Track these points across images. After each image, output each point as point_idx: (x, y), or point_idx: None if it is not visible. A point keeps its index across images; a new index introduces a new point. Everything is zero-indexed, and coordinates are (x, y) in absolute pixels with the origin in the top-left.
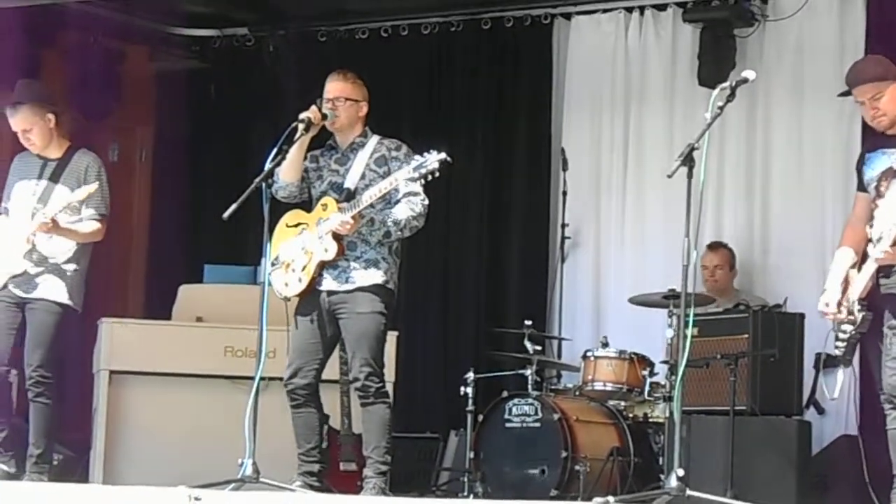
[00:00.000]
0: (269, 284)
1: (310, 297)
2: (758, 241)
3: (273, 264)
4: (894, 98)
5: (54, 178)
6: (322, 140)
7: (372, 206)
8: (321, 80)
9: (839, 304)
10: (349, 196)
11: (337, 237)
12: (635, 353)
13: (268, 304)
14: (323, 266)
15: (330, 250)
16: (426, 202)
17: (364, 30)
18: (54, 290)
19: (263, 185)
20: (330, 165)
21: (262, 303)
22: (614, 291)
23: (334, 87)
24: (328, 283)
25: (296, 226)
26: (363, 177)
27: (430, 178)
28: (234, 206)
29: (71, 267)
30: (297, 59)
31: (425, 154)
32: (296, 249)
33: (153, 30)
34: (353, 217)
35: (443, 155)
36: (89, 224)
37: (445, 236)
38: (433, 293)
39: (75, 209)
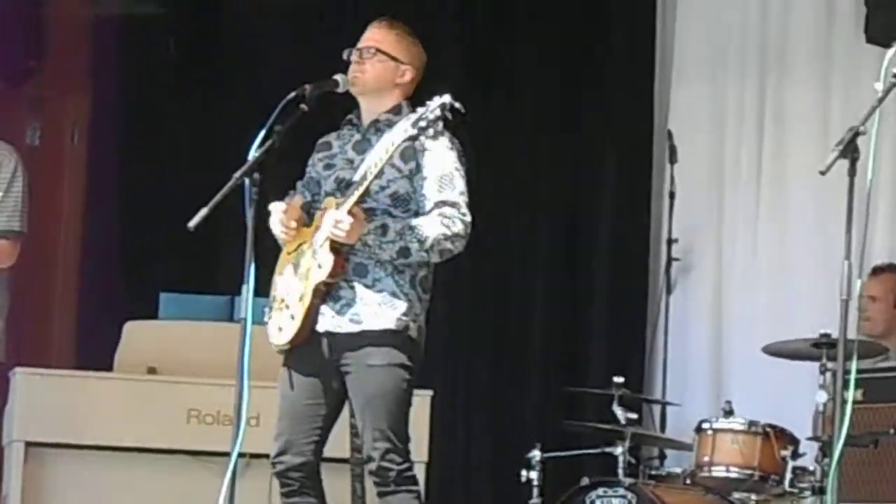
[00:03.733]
0: (260, 323)
1: (306, 342)
2: None
3: (270, 307)
4: None
5: None
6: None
7: (388, 211)
8: (327, 26)
9: None
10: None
11: (335, 248)
12: (771, 426)
13: (250, 350)
14: (322, 294)
15: (324, 265)
16: (468, 218)
17: None
18: None
19: (247, 180)
20: (345, 153)
21: (243, 347)
22: (742, 336)
23: (371, 32)
24: (327, 320)
25: (296, 249)
26: (380, 174)
27: (438, 132)
28: (203, 211)
29: None
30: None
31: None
32: (291, 280)
33: None
34: (350, 212)
35: (445, 98)
36: None
37: (501, 257)
38: (483, 336)
39: None
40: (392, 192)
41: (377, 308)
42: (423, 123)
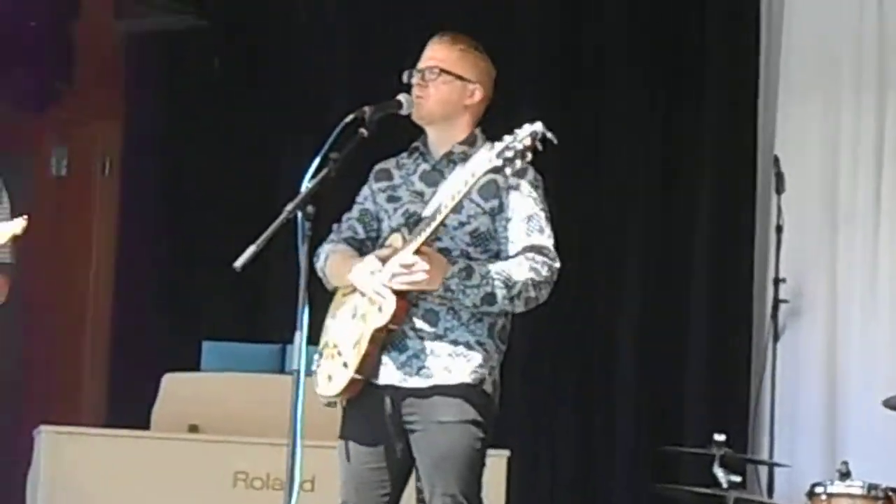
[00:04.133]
0: (308, 373)
1: (365, 396)
2: None
3: (320, 353)
4: None
5: None
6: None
7: (466, 252)
8: (390, 43)
9: None
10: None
11: (399, 290)
12: (893, 490)
13: (304, 404)
14: (382, 342)
15: (386, 309)
16: (557, 265)
17: None
18: None
19: (300, 214)
20: (412, 184)
21: (296, 402)
22: (859, 388)
23: (432, 51)
24: (390, 373)
25: (352, 292)
26: (457, 209)
27: (523, 168)
28: (251, 250)
29: None
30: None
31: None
32: (346, 323)
33: None
34: (419, 251)
35: (537, 126)
36: None
37: (586, 301)
38: (564, 390)
39: None
40: (472, 229)
41: (449, 360)
42: (509, 154)
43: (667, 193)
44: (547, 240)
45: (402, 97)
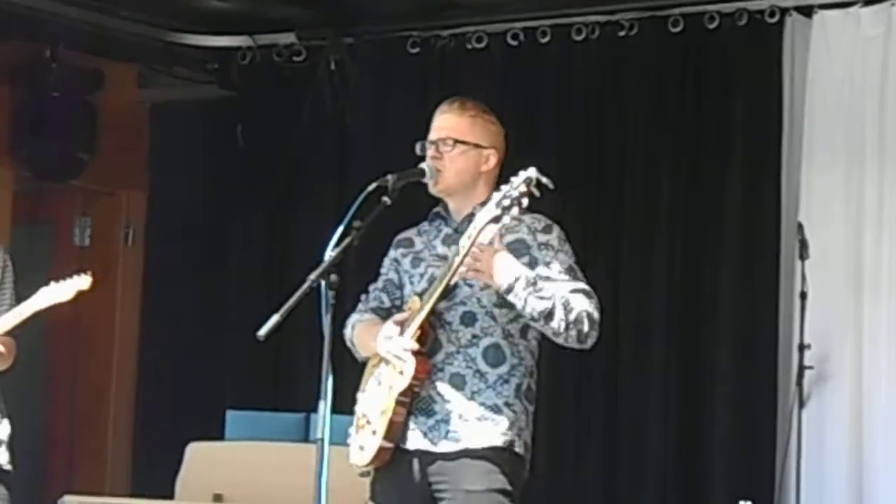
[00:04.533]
0: (332, 442)
1: (395, 462)
2: None
3: (354, 426)
4: None
5: None
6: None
7: (491, 313)
8: (411, 114)
9: None
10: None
11: (420, 351)
12: None
13: (328, 474)
14: (407, 406)
15: (406, 371)
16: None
17: (480, 35)
18: None
19: (323, 283)
20: (434, 248)
21: (320, 472)
22: (887, 455)
23: (443, 121)
24: (418, 438)
25: (380, 361)
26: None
27: (548, 225)
28: (275, 319)
29: None
30: (375, 82)
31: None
32: (374, 393)
33: (146, 38)
34: (420, 327)
35: (531, 172)
36: None
37: (609, 364)
38: (591, 455)
39: None
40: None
41: (477, 424)
42: (506, 202)
43: (692, 260)
44: (590, 288)
45: (424, 165)
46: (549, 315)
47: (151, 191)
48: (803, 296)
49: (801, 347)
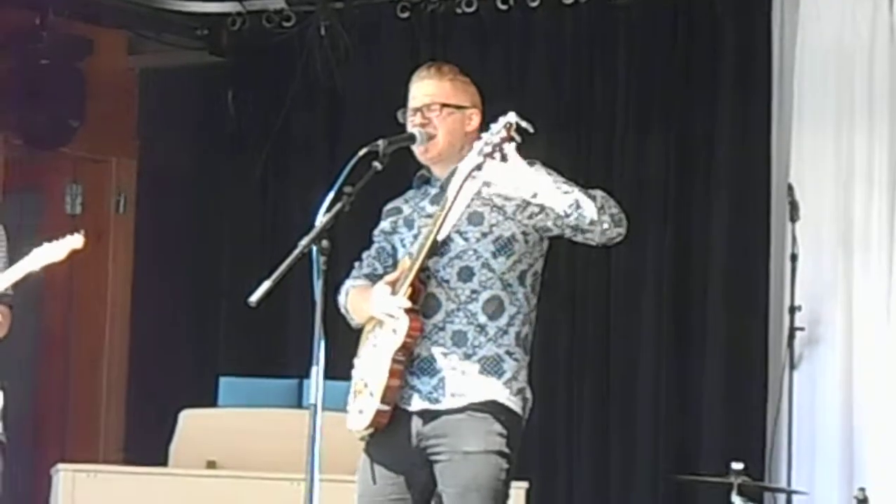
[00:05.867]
0: (325, 407)
1: (390, 426)
2: None
3: (352, 393)
4: None
5: None
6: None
7: (488, 264)
8: (401, 80)
9: None
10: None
11: (413, 309)
12: None
13: (322, 440)
14: (403, 365)
15: (399, 329)
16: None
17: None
18: None
19: (314, 249)
20: (424, 209)
21: (313, 437)
22: (877, 415)
23: (424, 88)
24: (420, 399)
25: (373, 328)
26: (473, 220)
27: (505, 157)
28: (267, 285)
29: None
30: (365, 47)
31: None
32: (370, 357)
33: (135, 4)
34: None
35: (510, 116)
36: None
37: (600, 328)
38: (584, 419)
39: None
40: (495, 237)
41: (479, 378)
42: (488, 149)
43: (682, 223)
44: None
45: (415, 130)
46: (577, 205)
47: (142, 158)
48: (794, 258)
49: (792, 309)
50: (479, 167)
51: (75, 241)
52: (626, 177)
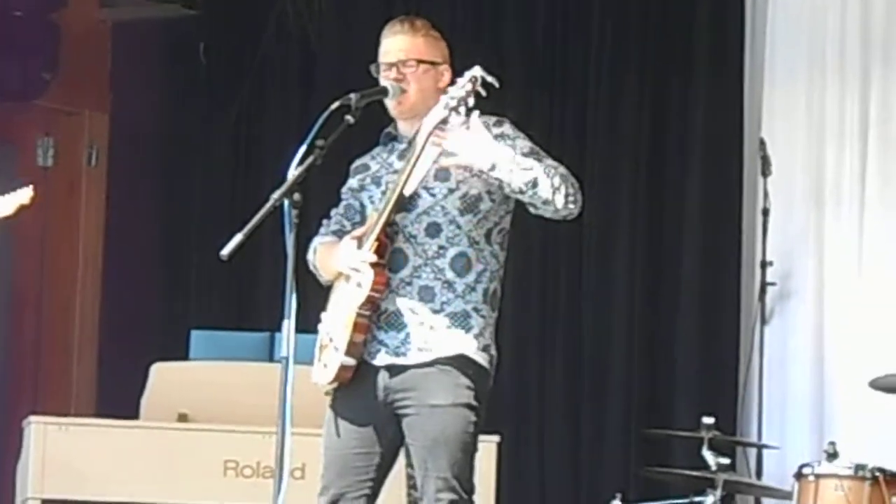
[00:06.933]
0: (296, 361)
1: (355, 380)
2: None
3: (318, 346)
4: None
5: None
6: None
7: (455, 221)
8: (375, 31)
9: None
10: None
11: (378, 263)
12: (881, 470)
13: (293, 393)
14: (368, 318)
15: (364, 282)
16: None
17: None
18: None
19: (286, 202)
20: (392, 165)
21: (284, 390)
22: (847, 370)
23: (398, 42)
24: (386, 354)
25: (342, 280)
26: (440, 176)
27: (470, 111)
28: (238, 238)
29: None
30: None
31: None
32: (336, 311)
33: None
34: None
35: (475, 70)
36: None
37: (573, 284)
38: (556, 374)
39: None
40: (462, 194)
41: (446, 332)
42: (453, 103)
43: (654, 178)
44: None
45: (388, 84)
46: (534, 184)
47: (114, 110)
48: (765, 212)
49: (763, 265)
50: (444, 121)
51: (23, 195)
52: (599, 133)
